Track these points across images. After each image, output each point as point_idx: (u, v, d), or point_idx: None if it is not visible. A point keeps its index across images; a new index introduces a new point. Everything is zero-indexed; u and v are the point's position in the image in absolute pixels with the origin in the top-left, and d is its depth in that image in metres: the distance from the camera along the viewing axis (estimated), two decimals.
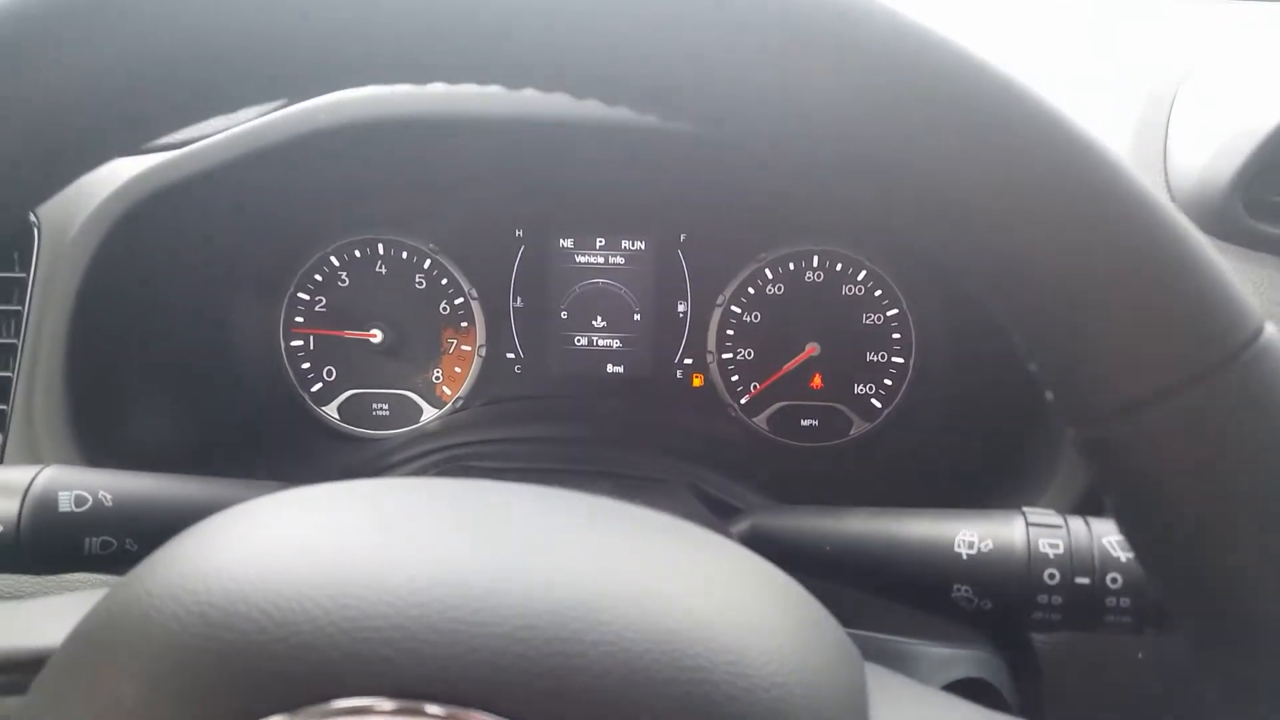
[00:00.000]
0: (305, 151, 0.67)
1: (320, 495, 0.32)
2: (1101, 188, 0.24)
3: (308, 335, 0.90)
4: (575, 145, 0.75)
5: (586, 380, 0.93)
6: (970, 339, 0.84)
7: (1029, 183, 0.24)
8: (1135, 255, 0.24)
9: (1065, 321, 0.25)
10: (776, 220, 0.89)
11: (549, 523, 0.32)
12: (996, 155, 0.24)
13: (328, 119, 0.64)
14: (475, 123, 0.65)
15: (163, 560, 0.29)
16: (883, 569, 0.51)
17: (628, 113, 0.28)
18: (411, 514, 0.32)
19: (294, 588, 0.26)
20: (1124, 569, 0.45)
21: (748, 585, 0.31)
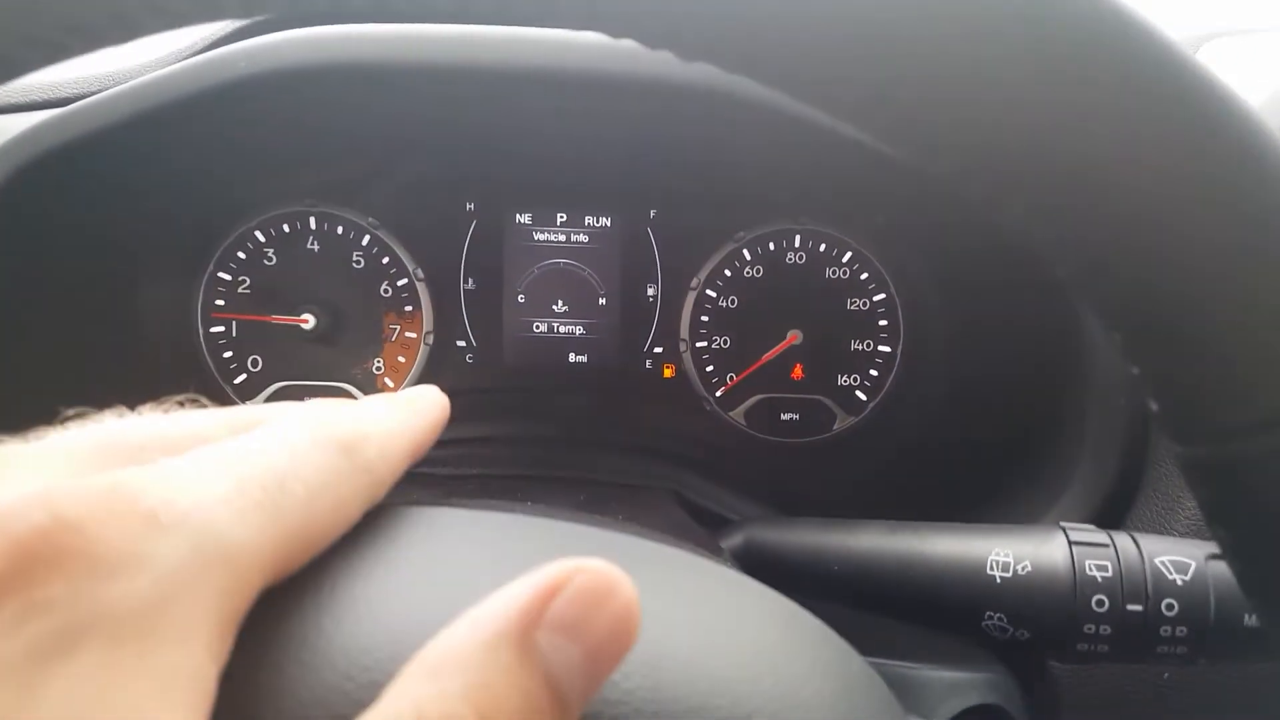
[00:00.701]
0: (224, 106, 0.57)
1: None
2: (1256, 161, 0.20)
3: (230, 320, 0.80)
4: (534, 107, 0.66)
5: (546, 371, 0.84)
6: (964, 326, 0.79)
7: (1179, 158, 0.20)
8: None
9: (1195, 322, 0.20)
10: (756, 197, 0.81)
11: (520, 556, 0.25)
12: (1134, 110, 0.20)
13: (249, 66, 0.55)
14: (420, 73, 0.56)
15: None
16: (901, 592, 0.45)
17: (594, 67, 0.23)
18: (381, 550, 0.25)
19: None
20: (1181, 594, 0.40)
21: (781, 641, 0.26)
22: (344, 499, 0.23)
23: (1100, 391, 0.58)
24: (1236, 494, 0.22)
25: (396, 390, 0.80)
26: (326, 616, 0.22)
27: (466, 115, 0.68)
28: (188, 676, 0.17)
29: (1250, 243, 0.19)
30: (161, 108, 0.55)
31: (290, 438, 0.23)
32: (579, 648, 0.18)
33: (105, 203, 0.65)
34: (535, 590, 0.18)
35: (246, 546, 0.19)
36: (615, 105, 0.63)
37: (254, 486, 0.20)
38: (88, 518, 0.17)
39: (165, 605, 0.17)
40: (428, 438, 0.29)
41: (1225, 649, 0.40)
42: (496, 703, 0.17)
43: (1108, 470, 0.56)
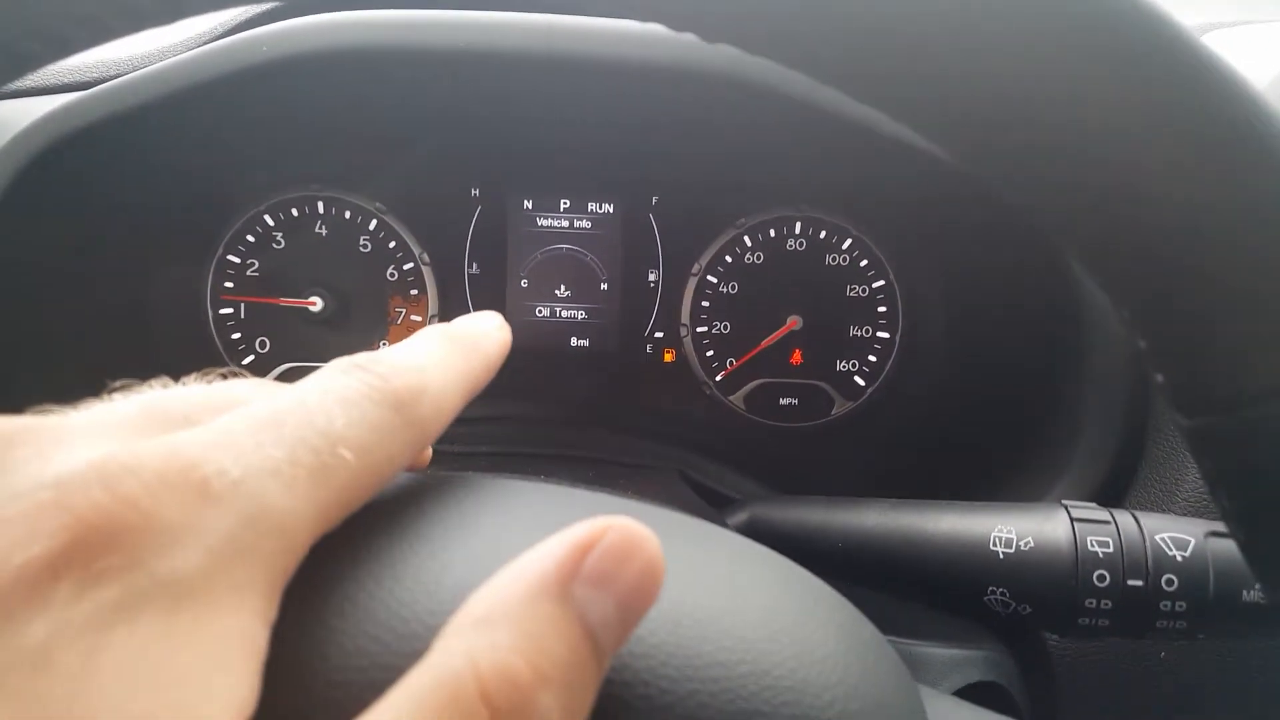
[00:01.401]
0: (235, 92, 0.58)
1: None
2: (1259, 136, 0.20)
3: (238, 303, 0.81)
4: (539, 92, 0.67)
5: (548, 355, 0.85)
6: (963, 313, 0.79)
7: (1171, 119, 0.20)
8: None
9: (1201, 292, 0.21)
10: (757, 183, 0.82)
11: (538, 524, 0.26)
12: (1141, 84, 0.20)
13: (271, 50, 0.55)
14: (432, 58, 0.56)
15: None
16: (905, 569, 0.46)
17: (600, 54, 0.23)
18: (394, 517, 0.26)
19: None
20: (1180, 570, 0.41)
21: (794, 602, 0.26)
22: (393, 456, 0.23)
23: (1099, 374, 0.59)
24: (1241, 462, 0.22)
25: None
26: (367, 575, 0.22)
27: (473, 102, 0.68)
28: (239, 639, 0.18)
29: (1257, 212, 0.20)
30: (182, 92, 0.56)
31: (346, 394, 0.22)
32: (612, 599, 0.19)
33: (120, 186, 0.65)
34: (571, 545, 0.19)
35: (295, 513, 0.20)
36: (619, 91, 0.64)
37: (305, 452, 0.20)
38: (142, 491, 0.17)
39: (217, 574, 0.18)
40: (483, 381, 0.29)
41: (1224, 624, 0.40)
42: (544, 651, 0.17)
43: (1107, 452, 0.57)
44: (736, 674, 0.22)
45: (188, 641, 0.17)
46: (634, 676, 0.21)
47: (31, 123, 0.57)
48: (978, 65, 0.21)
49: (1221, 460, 0.23)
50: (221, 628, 0.18)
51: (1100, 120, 0.20)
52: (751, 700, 0.22)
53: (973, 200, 0.64)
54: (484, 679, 0.17)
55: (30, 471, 0.18)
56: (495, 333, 0.30)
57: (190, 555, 0.17)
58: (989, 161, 0.23)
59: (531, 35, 0.56)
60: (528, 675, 0.17)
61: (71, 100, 0.57)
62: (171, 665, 0.16)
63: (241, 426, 0.20)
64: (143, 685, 0.16)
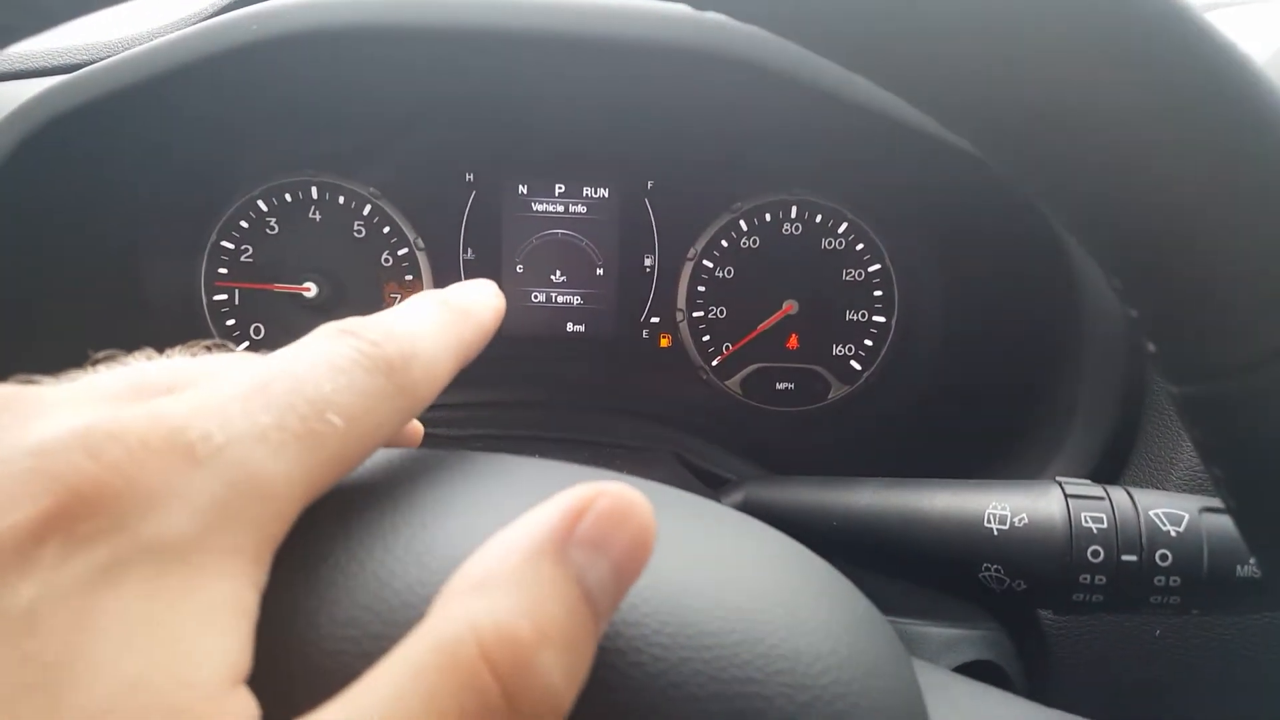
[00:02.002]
0: (225, 73, 0.57)
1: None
2: (1252, 107, 0.20)
3: (233, 289, 0.81)
4: (533, 79, 0.67)
5: (544, 340, 0.85)
6: (958, 296, 0.79)
7: (1164, 90, 0.20)
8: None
9: (1191, 261, 0.21)
10: (753, 168, 0.82)
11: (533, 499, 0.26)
12: (1131, 55, 0.20)
13: (262, 29, 0.55)
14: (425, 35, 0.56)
15: None
16: (900, 547, 0.46)
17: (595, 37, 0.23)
18: (391, 491, 0.26)
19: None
20: (1174, 545, 0.41)
21: (788, 573, 0.27)
22: (383, 422, 0.23)
23: (1094, 355, 0.59)
24: (1231, 429, 0.22)
25: None
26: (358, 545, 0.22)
27: (467, 84, 0.68)
28: (227, 604, 0.18)
29: (1246, 182, 0.20)
30: (169, 73, 0.55)
31: (335, 360, 0.22)
32: (606, 561, 0.19)
33: (111, 170, 0.65)
34: (566, 509, 0.19)
35: (283, 479, 0.19)
36: (614, 73, 0.64)
37: (293, 418, 0.20)
38: (126, 456, 0.17)
39: (204, 538, 0.18)
40: (476, 348, 0.28)
41: (1217, 600, 0.41)
42: (544, 612, 0.17)
43: (1102, 430, 0.57)
44: (729, 643, 0.22)
45: (176, 604, 0.17)
46: (627, 645, 0.21)
47: (20, 105, 0.57)
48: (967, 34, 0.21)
49: (1212, 428, 0.23)
50: (210, 591, 0.17)
51: (1091, 92, 0.20)
52: (745, 668, 0.22)
53: (968, 183, 0.64)
54: (485, 641, 0.17)
55: (12, 439, 0.18)
56: (489, 300, 0.30)
57: (176, 519, 0.17)
58: (979, 131, 0.23)
59: (526, 12, 0.56)
60: (529, 635, 0.17)
61: (60, 82, 0.56)
62: (160, 626, 0.16)
63: (229, 392, 0.20)
64: (132, 646, 0.16)
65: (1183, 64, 0.20)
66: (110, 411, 0.19)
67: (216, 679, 0.17)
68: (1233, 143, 0.20)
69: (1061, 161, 0.22)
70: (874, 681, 0.24)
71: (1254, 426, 0.22)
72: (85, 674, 0.15)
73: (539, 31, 0.56)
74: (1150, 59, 0.20)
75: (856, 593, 0.28)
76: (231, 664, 0.17)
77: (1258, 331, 0.21)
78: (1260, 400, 0.21)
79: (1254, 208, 0.20)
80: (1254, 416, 0.22)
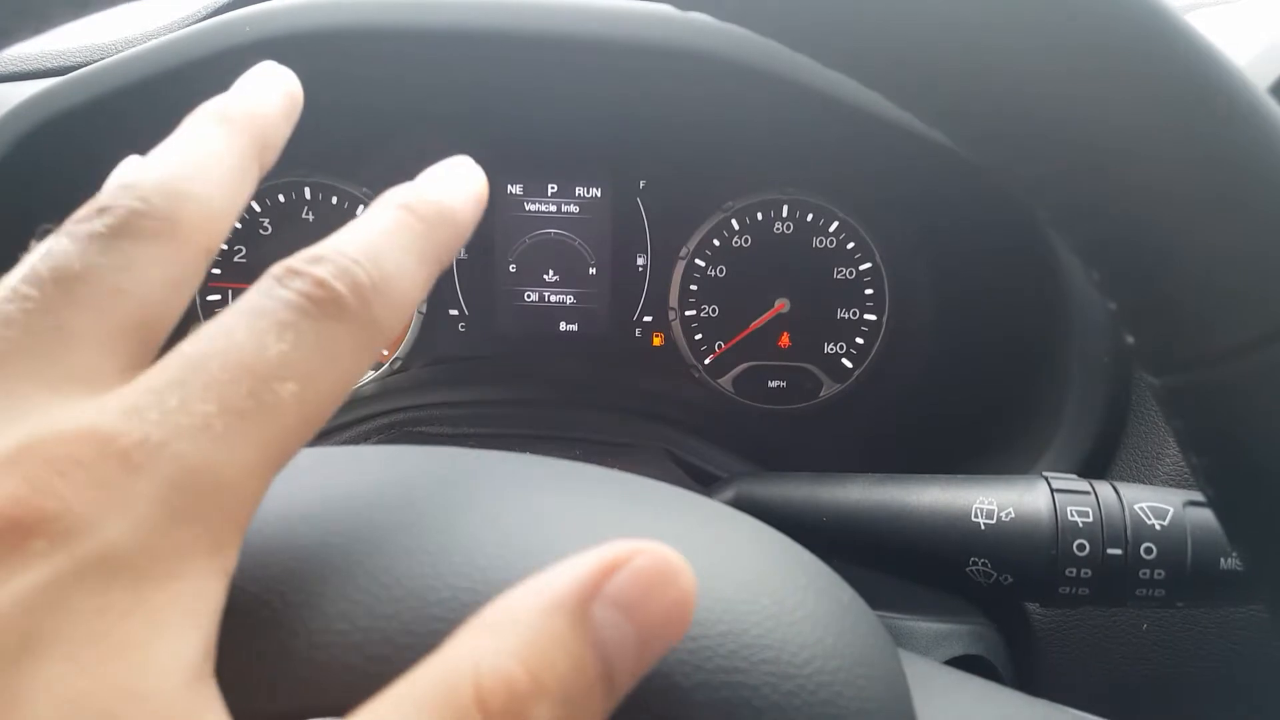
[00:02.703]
0: (218, 74, 0.57)
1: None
2: (1225, 98, 0.20)
3: (226, 289, 0.81)
4: (525, 78, 0.67)
5: (537, 339, 0.85)
6: (950, 296, 0.80)
7: (1138, 78, 0.20)
8: (1260, 172, 0.20)
9: (1166, 252, 0.21)
10: (744, 167, 0.82)
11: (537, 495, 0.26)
12: (1105, 46, 0.20)
13: (256, 31, 0.55)
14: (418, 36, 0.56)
15: None
16: (889, 542, 0.46)
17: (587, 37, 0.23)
18: (373, 488, 0.26)
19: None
20: (1159, 538, 0.41)
21: (774, 565, 0.27)
22: (347, 370, 0.21)
23: (1083, 352, 0.59)
24: (1209, 420, 0.23)
25: (389, 360, 0.81)
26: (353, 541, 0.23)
27: (459, 84, 0.68)
28: (182, 604, 0.17)
29: (1222, 176, 0.20)
30: (163, 75, 0.56)
31: (279, 315, 0.20)
32: (633, 626, 0.18)
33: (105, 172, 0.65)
34: (595, 564, 0.18)
35: (234, 466, 0.18)
36: (606, 73, 0.64)
37: (237, 397, 0.19)
38: (59, 479, 0.17)
39: (152, 543, 0.17)
40: (453, 253, 0.25)
41: (1202, 592, 0.41)
42: (547, 664, 0.17)
43: (1089, 427, 0.58)
44: (714, 633, 0.22)
45: (124, 616, 0.17)
46: None
47: (14, 106, 0.57)
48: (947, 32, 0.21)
49: (1190, 419, 0.23)
50: (162, 596, 0.17)
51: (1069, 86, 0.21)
52: (730, 658, 0.22)
53: (958, 182, 0.65)
54: (482, 682, 0.16)
55: None
56: (466, 190, 0.26)
57: (117, 531, 0.17)
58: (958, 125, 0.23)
59: (518, 14, 0.56)
60: (525, 684, 0.17)
61: (54, 84, 0.56)
62: (106, 640, 0.16)
63: (163, 380, 0.19)
64: (77, 665, 0.16)
65: (1156, 58, 0.20)
66: (39, 425, 0.18)
67: (169, 685, 0.17)
68: (1207, 136, 0.20)
69: (1039, 156, 0.22)
70: (859, 670, 0.24)
71: (1231, 416, 0.22)
72: (26, 701, 0.15)
73: (530, 33, 0.56)
74: (1124, 54, 0.20)
75: (843, 584, 0.29)
76: (185, 665, 0.17)
77: (1234, 322, 0.21)
78: (1238, 390, 0.22)
79: (1228, 199, 0.20)
80: (1231, 406, 0.22)
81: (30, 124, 0.57)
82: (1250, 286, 0.21)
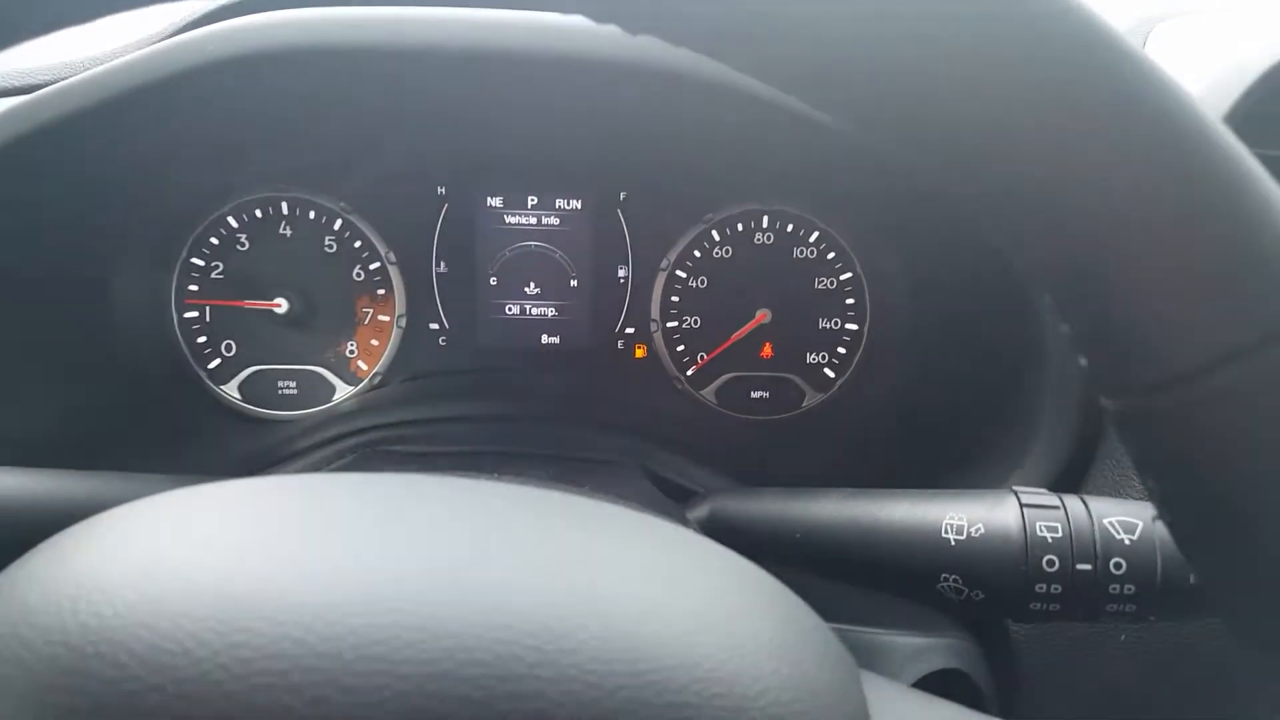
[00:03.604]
0: (195, 90, 0.57)
1: (214, 496, 0.27)
2: (1172, 126, 0.20)
3: (204, 306, 0.81)
4: (504, 91, 0.67)
5: (519, 353, 0.85)
6: (929, 305, 0.80)
7: (1084, 110, 0.20)
8: (1201, 203, 0.20)
9: (1113, 278, 0.21)
10: (724, 178, 0.82)
11: (493, 525, 0.26)
12: (1050, 78, 0.21)
13: (217, 49, 0.55)
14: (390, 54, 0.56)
15: (5, 584, 0.23)
16: (860, 558, 0.46)
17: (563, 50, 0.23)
18: (325, 518, 0.26)
19: (171, 619, 0.21)
20: (1128, 553, 0.41)
21: (725, 589, 0.27)
22: None
23: (1058, 365, 0.59)
24: (1161, 444, 0.23)
25: (368, 375, 0.81)
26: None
27: (437, 99, 0.68)
28: None
29: (1167, 205, 0.20)
30: (130, 92, 0.55)
31: None
32: None
33: (77, 190, 0.65)
34: None
35: None
36: (583, 88, 0.64)
37: None
38: None
39: None
40: None
41: (1172, 606, 0.41)
42: None
43: (1065, 439, 0.58)
44: (665, 667, 0.22)
45: None
46: (560, 673, 0.21)
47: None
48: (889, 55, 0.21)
49: (1142, 442, 0.23)
50: None
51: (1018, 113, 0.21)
52: (681, 694, 0.22)
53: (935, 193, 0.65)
54: None
55: None
56: None
57: None
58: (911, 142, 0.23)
59: (495, 31, 0.56)
60: None
61: (22, 102, 0.56)
62: None
63: None
64: None
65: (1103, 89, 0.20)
66: None
67: None
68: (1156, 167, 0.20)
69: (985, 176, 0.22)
70: (816, 700, 0.24)
71: (1180, 441, 0.22)
72: None
73: (508, 50, 0.56)
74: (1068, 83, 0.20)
75: (805, 610, 0.28)
76: None
77: (1181, 349, 0.21)
78: (1186, 415, 0.22)
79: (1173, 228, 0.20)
80: (1180, 431, 0.22)
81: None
82: (1196, 315, 0.21)
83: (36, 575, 0.23)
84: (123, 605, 0.21)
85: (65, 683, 0.20)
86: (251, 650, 0.20)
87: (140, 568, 0.22)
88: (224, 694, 0.20)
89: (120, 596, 0.21)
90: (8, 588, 0.23)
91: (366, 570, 0.23)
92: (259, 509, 0.26)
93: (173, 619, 0.21)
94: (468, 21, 0.57)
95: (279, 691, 0.20)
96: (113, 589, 0.22)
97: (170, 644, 0.21)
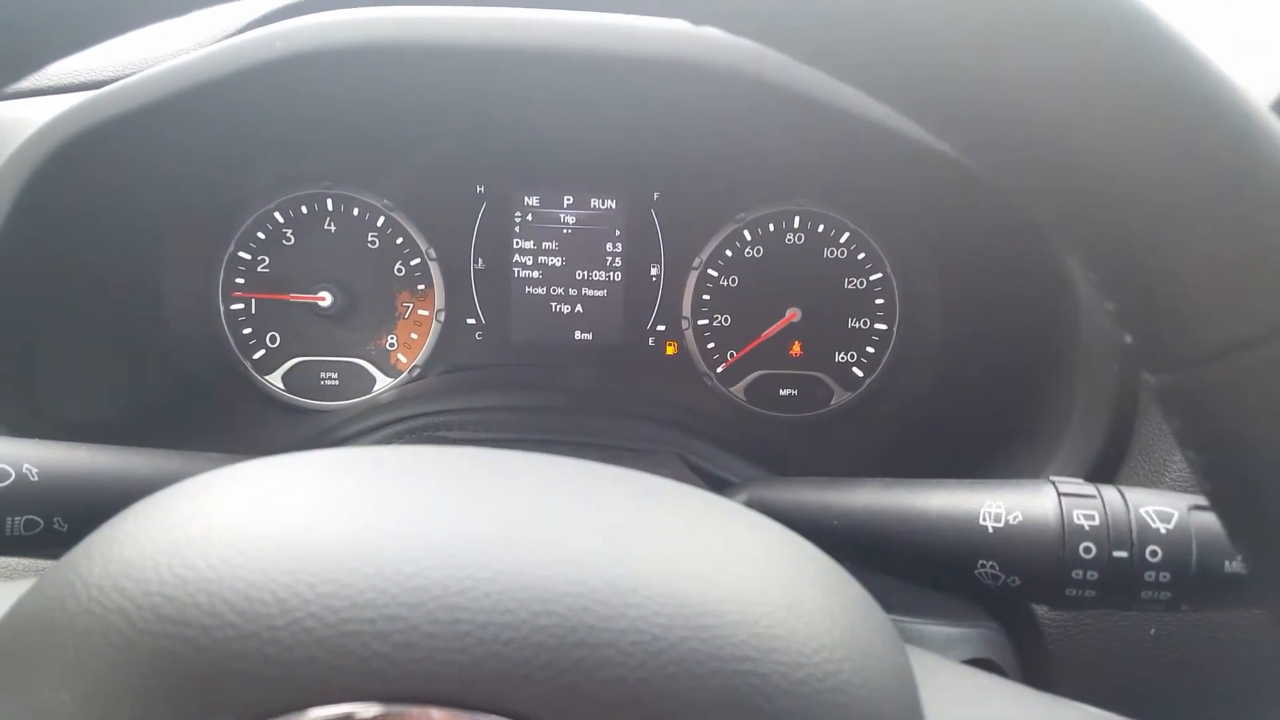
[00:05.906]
0: (245, 90, 0.59)
1: (290, 465, 0.28)
2: (1217, 107, 0.21)
3: (249, 299, 0.83)
4: (543, 93, 0.68)
5: (552, 347, 0.87)
6: (959, 304, 0.81)
7: (1132, 92, 0.21)
8: (1249, 181, 0.21)
9: (1160, 255, 0.22)
10: (756, 178, 0.84)
11: (559, 492, 0.28)
12: (1099, 60, 0.21)
13: (286, 46, 0.57)
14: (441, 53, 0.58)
15: (102, 543, 0.25)
16: (899, 545, 0.47)
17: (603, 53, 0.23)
18: (401, 484, 0.27)
19: (264, 573, 0.22)
20: (1164, 541, 0.42)
21: (785, 561, 0.28)
22: None
23: (1089, 359, 0.60)
24: (1205, 418, 0.23)
25: (407, 368, 0.83)
26: None
27: (478, 99, 0.70)
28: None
29: (1212, 180, 0.21)
30: (193, 89, 0.57)
31: None
32: None
33: (134, 184, 0.67)
34: None
35: None
36: (620, 86, 0.65)
37: None
38: None
39: None
40: None
41: (1206, 595, 0.41)
42: None
43: (1098, 432, 0.58)
44: (727, 622, 0.23)
45: None
46: (629, 625, 0.22)
47: (46, 121, 0.58)
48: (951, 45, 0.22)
49: (1186, 416, 0.24)
50: None
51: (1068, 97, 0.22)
52: (741, 647, 0.23)
53: (967, 193, 0.66)
54: None
55: None
56: None
57: None
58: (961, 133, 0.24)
59: (537, 31, 0.58)
60: None
61: (83, 100, 0.58)
62: None
63: None
64: None
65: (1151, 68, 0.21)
66: None
67: None
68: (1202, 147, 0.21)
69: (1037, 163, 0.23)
70: (866, 662, 0.25)
71: (1226, 413, 0.23)
72: None
73: (548, 49, 0.57)
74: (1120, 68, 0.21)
75: (852, 581, 0.30)
76: None
77: (1227, 322, 0.22)
78: (1231, 388, 0.22)
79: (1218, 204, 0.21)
80: (1225, 404, 0.23)
81: (61, 138, 0.58)
82: (1243, 288, 0.22)
83: (132, 534, 0.25)
84: (217, 559, 0.23)
85: (166, 629, 0.22)
86: (341, 600, 0.22)
87: (231, 527, 0.24)
88: (315, 639, 0.21)
89: (215, 553, 0.23)
90: (104, 546, 0.24)
91: (446, 529, 0.24)
92: (337, 476, 0.27)
93: (265, 572, 0.22)
94: (514, 21, 0.58)
95: (368, 637, 0.21)
96: (207, 546, 0.23)
97: (264, 594, 0.22)
